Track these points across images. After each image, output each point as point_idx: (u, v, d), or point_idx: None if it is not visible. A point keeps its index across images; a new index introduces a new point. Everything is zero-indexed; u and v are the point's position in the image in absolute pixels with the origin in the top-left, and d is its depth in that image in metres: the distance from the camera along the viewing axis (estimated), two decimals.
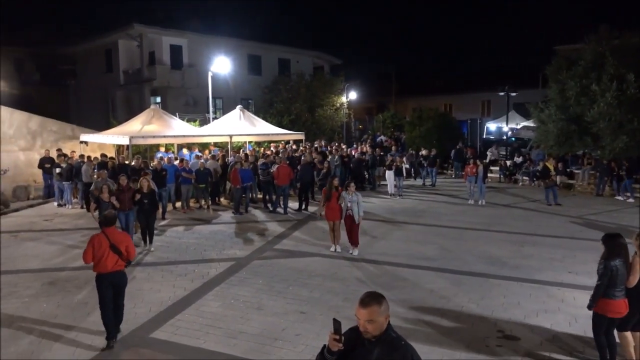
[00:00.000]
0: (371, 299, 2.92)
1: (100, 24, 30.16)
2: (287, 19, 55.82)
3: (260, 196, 16.76)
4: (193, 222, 13.85)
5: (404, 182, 18.86)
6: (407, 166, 20.96)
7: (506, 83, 25.26)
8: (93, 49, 30.29)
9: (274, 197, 15.67)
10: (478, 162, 17.05)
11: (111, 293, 6.40)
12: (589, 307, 5.68)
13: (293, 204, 15.80)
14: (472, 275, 9.11)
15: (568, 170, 20.58)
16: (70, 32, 33.20)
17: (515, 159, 23.09)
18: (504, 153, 25.29)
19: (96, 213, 10.42)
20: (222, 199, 17.24)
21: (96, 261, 6.28)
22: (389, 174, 18.19)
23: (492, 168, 21.77)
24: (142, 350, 6.29)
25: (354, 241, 10.54)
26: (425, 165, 21.29)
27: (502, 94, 25.15)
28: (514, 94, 25.26)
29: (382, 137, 29.80)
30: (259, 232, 12.77)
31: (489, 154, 25.15)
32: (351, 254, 10.42)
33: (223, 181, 17.05)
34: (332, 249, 10.77)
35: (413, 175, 22.72)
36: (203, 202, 15.96)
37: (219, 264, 9.88)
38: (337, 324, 2.88)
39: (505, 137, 27.17)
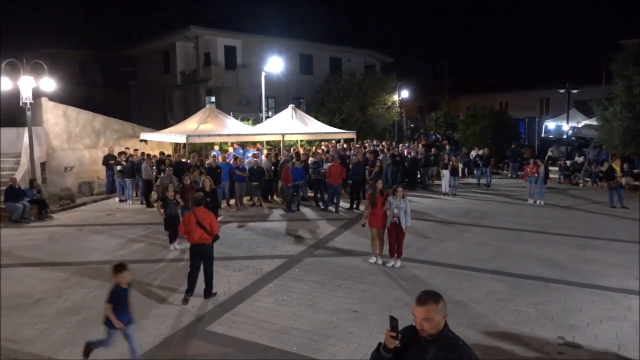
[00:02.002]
0: (428, 297, 2.89)
1: (158, 27, 31.25)
2: (339, 18, 55.85)
3: (311, 194, 16.88)
4: (246, 219, 14.13)
5: (458, 182, 18.49)
6: (461, 165, 20.54)
7: (567, 80, 24.20)
8: (152, 51, 31.46)
9: (325, 195, 15.74)
10: (539, 161, 16.44)
11: (198, 260, 7.87)
12: None
13: (344, 203, 15.82)
14: (530, 279, 8.81)
15: (634, 171, 19.48)
16: (131, 35, 34.68)
17: (577, 158, 22.09)
18: (564, 152, 24.26)
19: (162, 209, 10.90)
20: (274, 197, 17.49)
21: (187, 233, 7.84)
22: (445, 174, 17.88)
23: (550, 168, 20.92)
24: (200, 342, 6.48)
25: (398, 252, 9.55)
26: (479, 164, 20.77)
27: (562, 91, 24.12)
28: (575, 91, 24.17)
29: (437, 136, 29.27)
30: (311, 230, 12.86)
31: (550, 154, 24.20)
32: (392, 266, 9.50)
33: (275, 179, 17.30)
34: (372, 260, 9.73)
35: (466, 174, 22.32)
36: (256, 199, 16.26)
37: (271, 260, 10.03)
38: (393, 321, 2.87)
39: (565, 136, 26.05)
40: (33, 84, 14.95)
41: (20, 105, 15.25)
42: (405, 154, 20.62)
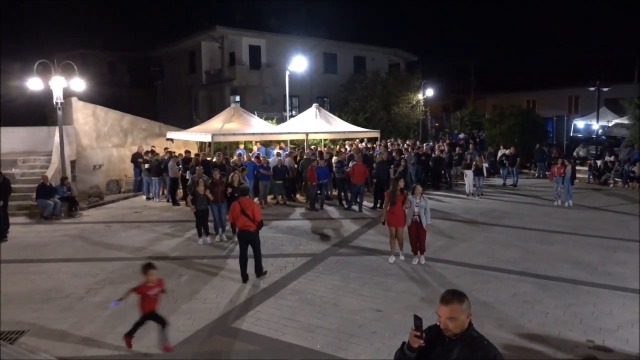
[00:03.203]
0: (453, 297, 2.88)
1: (184, 28, 31.66)
2: (364, 16, 55.65)
3: (335, 193, 16.89)
4: (270, 217, 14.19)
5: (483, 182, 18.25)
6: (487, 165, 20.24)
7: (597, 77, 23.63)
8: (178, 51, 31.92)
9: (348, 194, 15.73)
10: (566, 161, 16.09)
11: (245, 245, 8.68)
12: None
13: (368, 202, 15.77)
14: (559, 281, 8.64)
15: None
16: (158, 36, 35.24)
17: (607, 158, 21.54)
18: (594, 152, 23.70)
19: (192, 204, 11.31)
20: (297, 196, 17.55)
21: (234, 221, 8.79)
22: (469, 173, 17.65)
23: (579, 168, 20.46)
24: (225, 339, 6.56)
25: (420, 249, 9.59)
26: (506, 164, 20.44)
27: (592, 89, 23.56)
28: (605, 89, 23.58)
29: (463, 135, 28.92)
30: (334, 229, 12.87)
31: (580, 153, 23.67)
32: (418, 263, 9.57)
33: (299, 178, 17.36)
34: (391, 260, 9.68)
35: (492, 173, 22.00)
36: (280, 198, 16.34)
37: (295, 258, 10.08)
38: (418, 320, 2.86)
39: (594, 136, 25.45)
40: (64, 84, 15.31)
41: (52, 104, 15.65)
42: (430, 153, 20.43)
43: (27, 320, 7.08)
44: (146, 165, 17.20)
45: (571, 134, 27.93)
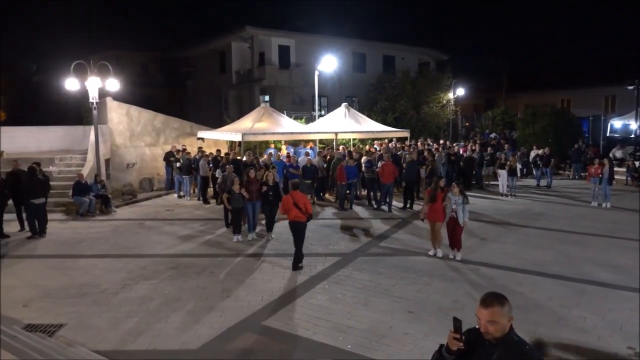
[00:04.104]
0: (493, 299, 2.81)
1: (215, 28, 32.05)
2: (393, 15, 55.30)
3: (364, 193, 16.82)
4: None
5: (516, 182, 17.90)
6: (519, 166, 19.86)
7: (635, 76, 22.86)
8: (209, 51, 32.34)
9: (378, 194, 15.64)
10: (605, 161, 15.62)
11: (295, 234, 9.40)
12: None
13: (397, 202, 15.65)
14: (596, 285, 8.39)
15: None
16: (189, 37, 35.78)
17: None
18: (632, 153, 22.93)
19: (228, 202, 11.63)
20: (327, 195, 17.54)
21: (286, 212, 9.40)
22: (503, 173, 17.34)
23: (616, 169, 19.82)
24: (256, 337, 6.59)
25: (456, 245, 9.96)
26: (539, 164, 19.99)
27: (630, 87, 22.82)
28: None
29: (495, 135, 28.40)
30: (364, 228, 12.82)
31: (616, 154, 22.95)
32: (453, 258, 9.91)
33: (328, 177, 17.35)
34: (432, 252, 10.23)
35: (525, 174, 21.60)
36: (309, 197, 16.35)
37: (325, 258, 10.07)
38: (457, 322, 2.79)
39: (633, 136, 24.63)
40: (99, 84, 15.69)
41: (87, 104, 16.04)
42: (461, 153, 20.15)
43: (64, 314, 7.27)
44: (177, 164, 17.47)
45: (608, 134, 27.11)
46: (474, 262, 9.75)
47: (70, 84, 15.59)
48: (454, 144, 22.44)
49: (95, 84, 15.55)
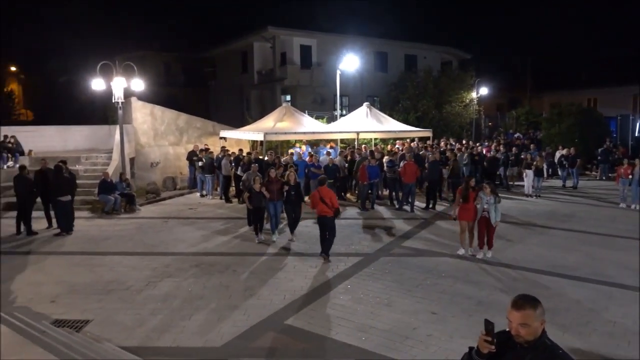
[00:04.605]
0: (525, 302, 2.74)
1: (237, 29, 32.33)
2: (415, 14, 54.87)
3: (386, 193, 16.72)
4: None
5: (542, 183, 17.59)
6: (545, 166, 19.51)
7: None
8: (231, 51, 32.58)
9: (400, 194, 15.53)
10: (635, 161, 15.22)
11: (323, 229, 9.85)
12: None
13: (419, 203, 15.52)
14: (625, 289, 8.18)
15: None
16: (212, 37, 36.14)
17: None
18: None
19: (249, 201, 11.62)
20: (348, 195, 17.49)
21: (314, 207, 9.91)
22: (529, 173, 17.07)
23: None
24: (279, 335, 6.60)
25: (489, 243, 10.01)
26: (565, 165, 19.61)
27: None
28: None
29: (519, 135, 27.95)
30: (386, 229, 12.74)
31: None
32: (485, 256, 9.93)
33: (350, 177, 17.29)
34: (461, 251, 10.20)
35: (550, 175, 21.23)
36: None
37: (347, 258, 10.04)
38: (489, 325, 2.74)
39: None
40: (124, 84, 15.92)
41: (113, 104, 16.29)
42: (484, 153, 19.87)
43: (91, 310, 7.39)
44: (200, 163, 17.63)
45: (637, 134, 26.46)
46: (498, 263, 9.62)
47: (97, 84, 15.86)
48: (477, 144, 22.15)
49: (121, 84, 15.79)
